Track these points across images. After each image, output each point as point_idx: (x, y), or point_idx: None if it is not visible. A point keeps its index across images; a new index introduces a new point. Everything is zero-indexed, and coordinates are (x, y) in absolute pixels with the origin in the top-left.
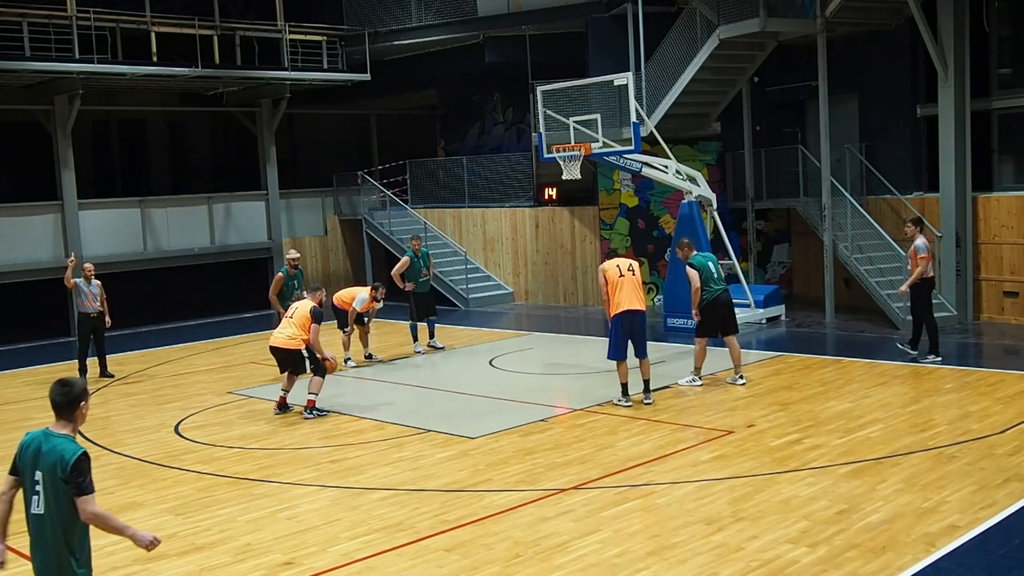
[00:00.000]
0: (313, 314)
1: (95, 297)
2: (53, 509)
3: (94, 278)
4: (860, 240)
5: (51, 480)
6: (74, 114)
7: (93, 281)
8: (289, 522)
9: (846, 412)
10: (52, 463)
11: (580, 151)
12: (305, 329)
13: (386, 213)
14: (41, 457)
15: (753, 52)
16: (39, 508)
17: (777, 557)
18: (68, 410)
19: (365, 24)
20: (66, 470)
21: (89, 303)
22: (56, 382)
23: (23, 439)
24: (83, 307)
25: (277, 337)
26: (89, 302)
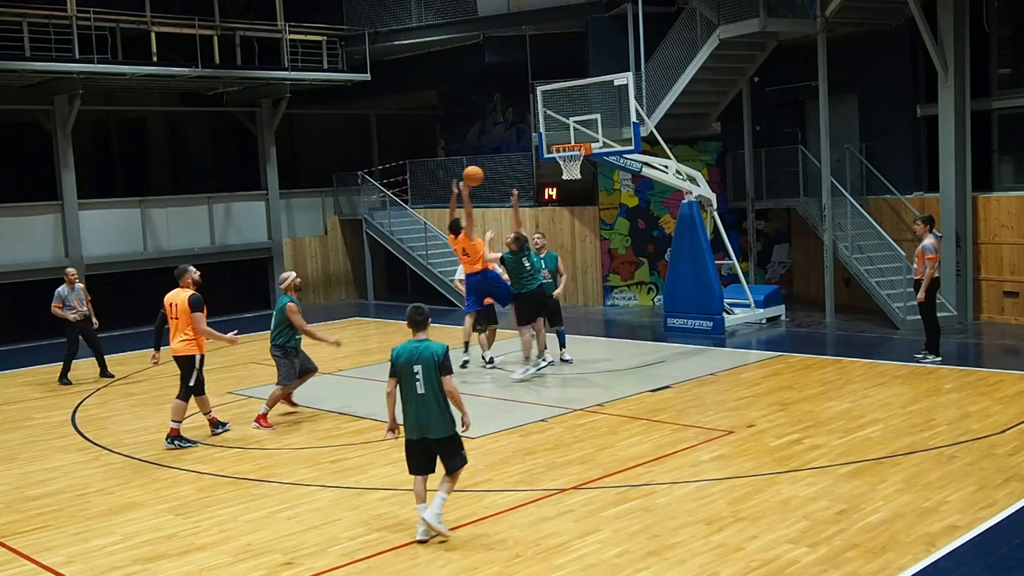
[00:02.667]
0: (192, 302)
1: (81, 302)
2: (428, 387)
3: (77, 282)
4: (860, 240)
5: (427, 368)
6: (74, 114)
7: (77, 285)
8: (289, 522)
9: (846, 412)
10: (428, 357)
11: (580, 151)
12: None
13: (386, 213)
14: (417, 356)
15: (753, 52)
16: (421, 390)
17: (777, 557)
18: (424, 326)
19: (365, 24)
20: (439, 359)
21: (76, 309)
22: (413, 307)
23: (395, 351)
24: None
25: (173, 344)
26: (76, 308)
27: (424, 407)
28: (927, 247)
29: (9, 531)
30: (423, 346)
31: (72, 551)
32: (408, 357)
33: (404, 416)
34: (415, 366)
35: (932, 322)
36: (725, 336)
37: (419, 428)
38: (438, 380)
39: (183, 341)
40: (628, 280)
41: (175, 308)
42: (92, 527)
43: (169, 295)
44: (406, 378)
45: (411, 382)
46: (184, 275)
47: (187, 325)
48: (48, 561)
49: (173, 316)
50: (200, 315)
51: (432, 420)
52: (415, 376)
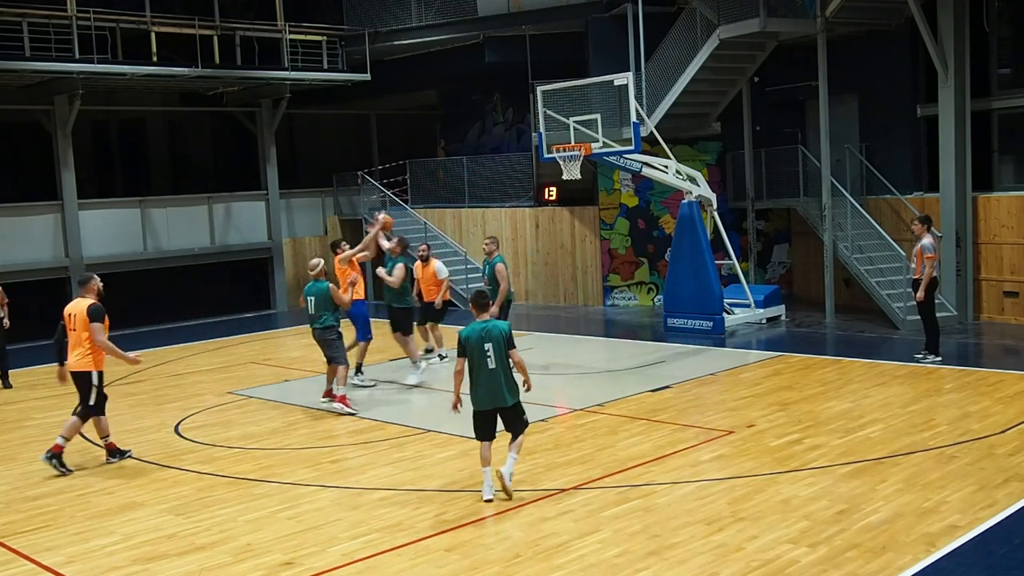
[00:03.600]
0: (91, 312)
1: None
2: (498, 361)
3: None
4: (860, 240)
5: (497, 345)
6: (74, 114)
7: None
8: (289, 522)
9: (846, 412)
10: (497, 335)
11: (580, 151)
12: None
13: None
14: (487, 335)
15: (753, 52)
16: (492, 365)
17: (777, 557)
18: (487, 308)
19: (365, 24)
20: (506, 335)
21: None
22: (478, 292)
23: (464, 333)
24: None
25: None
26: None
27: (495, 380)
28: (925, 247)
29: (9, 531)
30: (490, 325)
31: (72, 551)
32: (478, 337)
33: (473, 390)
34: (485, 344)
35: (932, 322)
36: (725, 336)
37: (491, 399)
38: (507, 354)
39: (80, 356)
40: (628, 280)
41: (74, 319)
42: (92, 527)
43: (69, 305)
44: (477, 356)
45: (482, 359)
46: (88, 283)
47: (86, 338)
48: (48, 561)
49: (72, 328)
50: (99, 325)
51: (503, 390)
52: (486, 353)
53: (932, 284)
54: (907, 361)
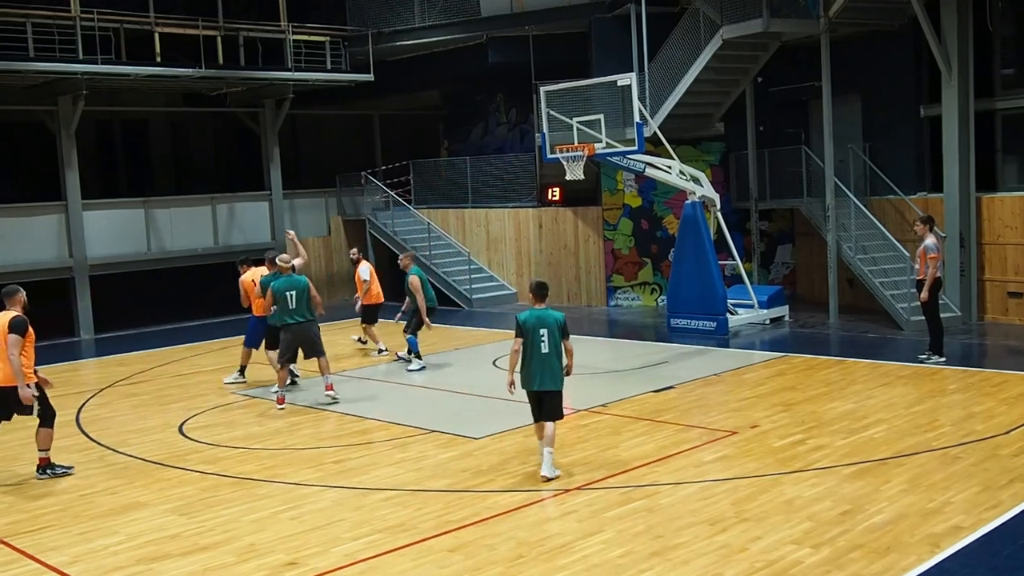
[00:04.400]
0: (13, 325)
1: None
2: (552, 347)
3: None
4: (864, 240)
5: (551, 331)
6: (78, 114)
7: None
8: (292, 522)
9: (850, 413)
10: (552, 322)
11: (583, 151)
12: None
13: (390, 213)
14: (542, 321)
15: (756, 52)
16: (546, 349)
17: (781, 558)
18: (545, 298)
19: (368, 24)
20: (561, 324)
21: None
22: (538, 282)
23: (522, 317)
24: None
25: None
26: None
27: (546, 364)
28: (928, 247)
29: (13, 531)
30: (546, 313)
31: (76, 551)
32: (535, 322)
33: (525, 371)
34: (541, 329)
35: (936, 323)
36: (729, 337)
37: (539, 381)
38: (560, 341)
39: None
40: (631, 281)
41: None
42: (96, 527)
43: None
44: (531, 339)
45: (536, 343)
46: (14, 295)
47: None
48: (52, 561)
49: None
50: (20, 339)
51: (551, 375)
52: (540, 337)
53: (936, 284)
54: (911, 362)
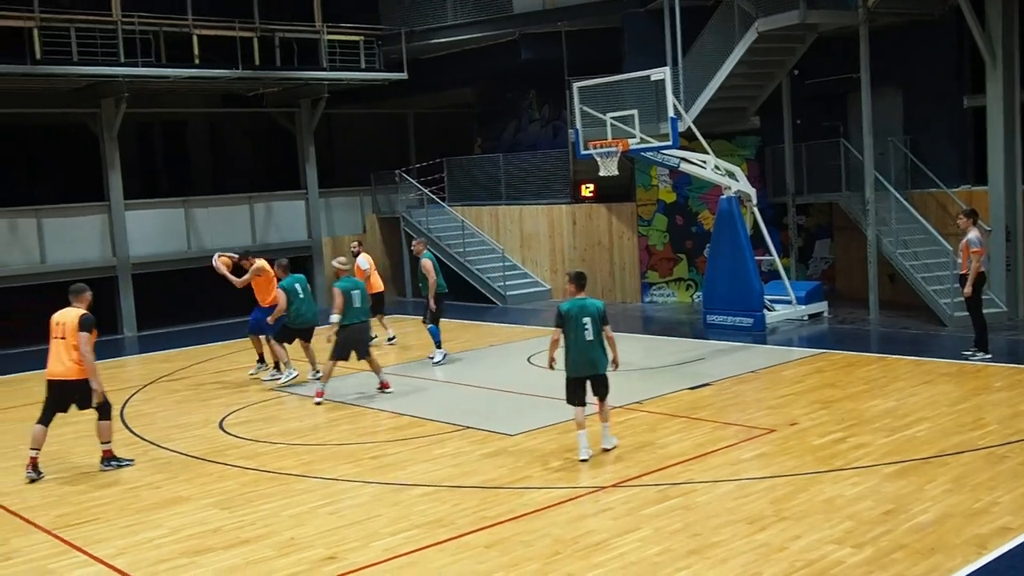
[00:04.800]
0: (84, 322)
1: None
2: (595, 334)
3: None
4: (905, 235)
5: (593, 319)
6: (120, 116)
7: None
8: (331, 517)
9: (891, 410)
10: (594, 311)
11: (617, 147)
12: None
13: (424, 211)
14: (584, 310)
15: (792, 45)
16: (590, 336)
17: (822, 557)
18: (585, 287)
19: (401, 23)
20: (601, 312)
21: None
22: (578, 272)
23: (564, 307)
24: None
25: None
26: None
27: (592, 350)
28: (972, 241)
29: (63, 523)
30: (587, 302)
31: (122, 543)
32: (578, 311)
33: (569, 358)
34: (584, 318)
35: (980, 318)
36: (766, 333)
37: (588, 366)
38: (600, 329)
39: (75, 363)
40: (666, 277)
41: (63, 327)
42: (141, 520)
43: (58, 313)
44: (575, 328)
45: (580, 331)
46: (81, 293)
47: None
48: (100, 553)
49: (59, 336)
50: (89, 336)
51: (599, 360)
52: (584, 326)
53: (980, 279)
54: (954, 359)
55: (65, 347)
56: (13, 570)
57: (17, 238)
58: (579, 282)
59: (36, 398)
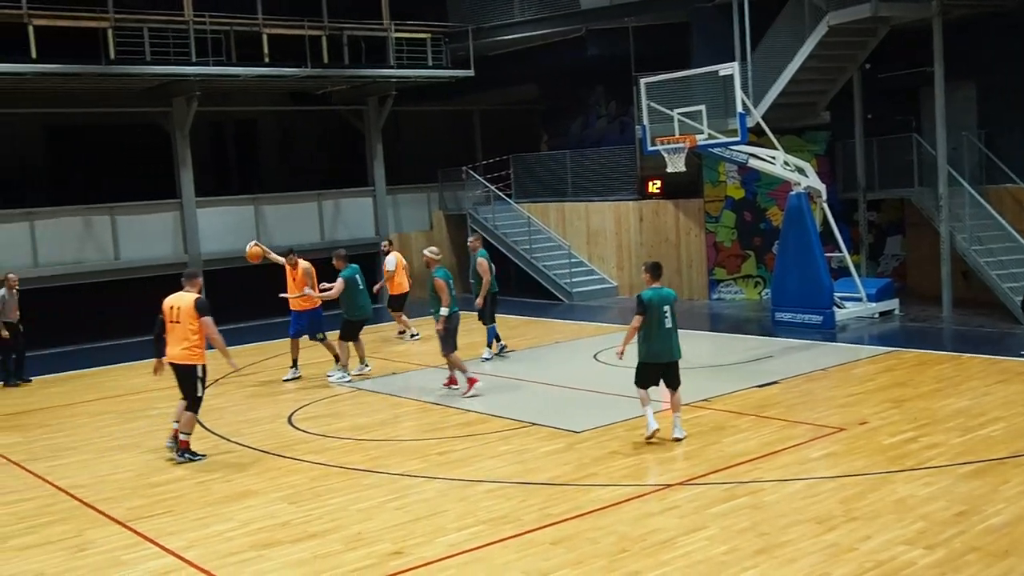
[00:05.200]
0: (200, 307)
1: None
2: (673, 322)
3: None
4: (979, 231)
5: (671, 307)
6: (191, 115)
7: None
8: (398, 512)
9: (965, 410)
10: (672, 299)
11: (684, 143)
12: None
13: (490, 208)
14: (664, 298)
15: (864, 38)
16: (669, 324)
17: (892, 558)
18: (660, 275)
19: (468, 20)
20: (674, 301)
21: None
22: (655, 263)
23: (646, 295)
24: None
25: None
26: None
27: (670, 337)
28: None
29: (135, 515)
30: (665, 291)
31: (193, 536)
32: (659, 299)
33: (647, 345)
34: (664, 306)
35: None
36: (835, 331)
37: (667, 353)
38: (674, 315)
39: (185, 349)
40: (734, 274)
41: (178, 312)
42: (211, 513)
43: (171, 298)
44: (656, 316)
45: (661, 318)
46: (194, 277)
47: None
48: (171, 545)
49: (174, 320)
50: (210, 319)
51: (676, 347)
52: (664, 314)
53: None
54: None
55: (180, 331)
56: (88, 561)
57: (92, 235)
58: (655, 272)
59: (109, 392)
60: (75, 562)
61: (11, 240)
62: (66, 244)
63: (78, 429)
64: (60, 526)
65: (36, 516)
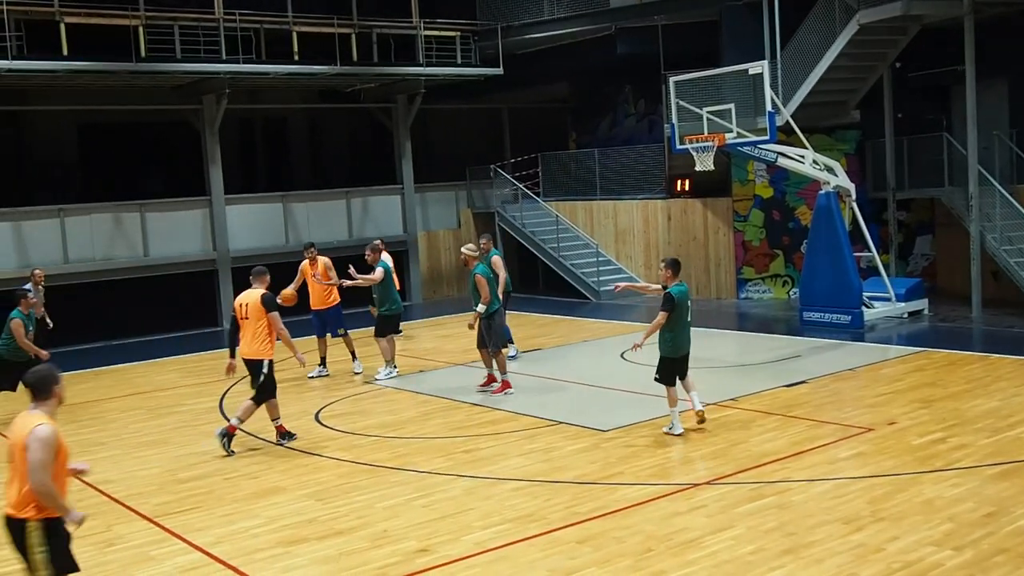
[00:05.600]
0: (267, 302)
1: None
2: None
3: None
4: (1010, 231)
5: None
6: (221, 113)
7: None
8: (424, 510)
9: (994, 411)
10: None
11: (713, 142)
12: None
13: (518, 206)
14: (686, 294)
15: (895, 37)
16: (690, 317)
17: (920, 559)
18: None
19: (497, 18)
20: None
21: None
22: (673, 258)
23: (676, 292)
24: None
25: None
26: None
27: (688, 330)
28: None
29: (163, 511)
30: (685, 287)
31: (220, 532)
32: (685, 296)
33: (673, 339)
34: (688, 301)
35: None
36: (864, 331)
37: (686, 345)
38: None
39: (253, 344)
40: (763, 273)
41: (246, 308)
42: (238, 509)
43: (241, 295)
44: (683, 311)
45: (686, 313)
46: (262, 275)
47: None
48: (199, 541)
49: (244, 316)
50: (277, 315)
51: (690, 338)
52: (688, 308)
53: None
54: None
55: (249, 327)
56: (116, 556)
57: (122, 232)
58: (676, 268)
59: (137, 388)
60: (104, 557)
61: (42, 236)
62: (96, 240)
63: (107, 425)
64: (89, 521)
65: None
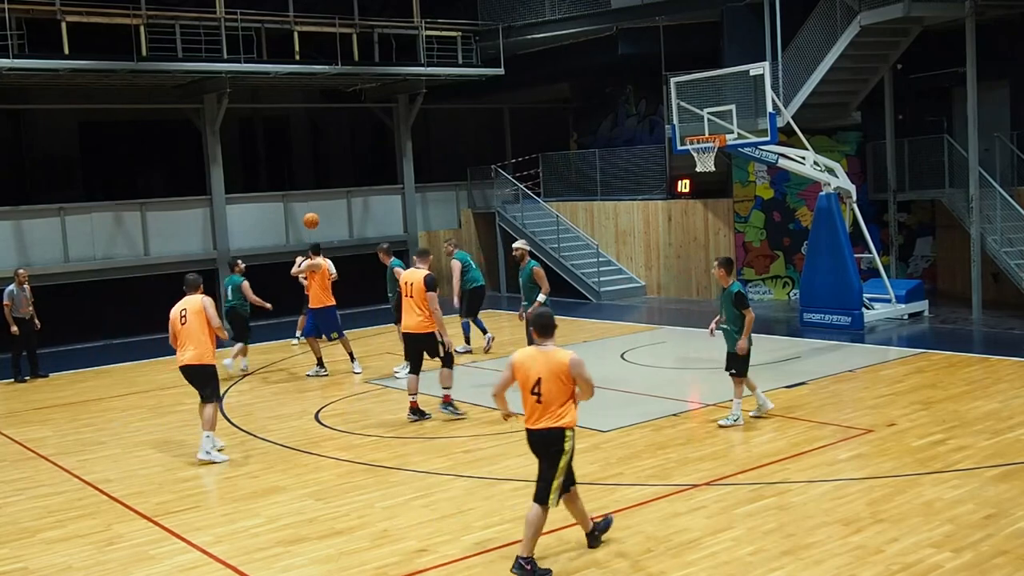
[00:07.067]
0: (427, 282)
1: (27, 303)
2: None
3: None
4: (1011, 233)
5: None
6: (222, 112)
7: (25, 287)
8: (424, 510)
9: (994, 412)
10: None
11: (714, 143)
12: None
13: (519, 206)
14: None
15: (896, 38)
16: (724, 325)
17: (919, 561)
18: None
19: (499, 18)
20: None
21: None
22: (728, 258)
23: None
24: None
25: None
26: (23, 309)
27: (728, 334)
28: None
29: (163, 510)
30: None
31: (220, 531)
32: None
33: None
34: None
35: None
36: (864, 332)
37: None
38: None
39: (419, 320)
40: (763, 274)
41: (411, 287)
42: (238, 509)
43: (406, 273)
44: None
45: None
46: (426, 256)
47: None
48: (198, 540)
49: (408, 295)
50: (433, 295)
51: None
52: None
53: None
54: None
55: (413, 304)
56: (116, 555)
57: (122, 231)
58: (729, 267)
59: (139, 387)
60: (103, 556)
61: (42, 235)
62: (97, 240)
63: (108, 424)
64: (88, 520)
65: (65, 510)
